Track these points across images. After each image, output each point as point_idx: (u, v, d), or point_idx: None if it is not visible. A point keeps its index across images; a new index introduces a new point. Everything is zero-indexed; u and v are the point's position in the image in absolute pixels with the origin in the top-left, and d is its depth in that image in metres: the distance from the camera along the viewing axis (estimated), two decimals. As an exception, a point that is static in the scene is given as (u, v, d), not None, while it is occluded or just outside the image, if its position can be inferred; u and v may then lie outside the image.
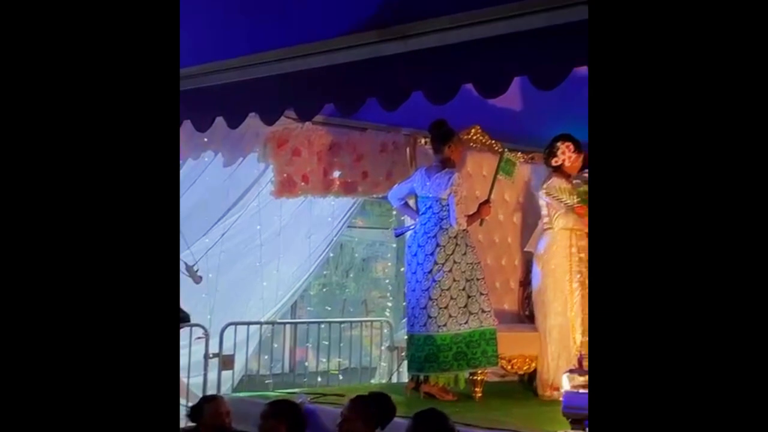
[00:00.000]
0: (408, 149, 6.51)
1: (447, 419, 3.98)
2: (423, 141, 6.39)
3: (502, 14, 4.40)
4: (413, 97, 4.95)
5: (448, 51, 4.63)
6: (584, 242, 6.03)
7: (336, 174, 6.49)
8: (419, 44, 4.67)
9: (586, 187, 5.73)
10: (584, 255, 6.01)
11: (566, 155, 6.02)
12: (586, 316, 5.90)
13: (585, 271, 5.99)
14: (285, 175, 6.17)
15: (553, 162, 6.06)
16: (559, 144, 6.05)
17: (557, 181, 5.94)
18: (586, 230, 5.92)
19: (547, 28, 4.33)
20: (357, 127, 6.48)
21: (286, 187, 6.21)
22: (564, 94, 5.06)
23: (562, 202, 5.74)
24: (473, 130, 6.52)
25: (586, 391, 4.50)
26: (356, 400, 4.43)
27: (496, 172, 6.09)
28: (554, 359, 5.86)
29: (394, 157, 6.56)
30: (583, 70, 4.37)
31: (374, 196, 7.05)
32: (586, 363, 5.14)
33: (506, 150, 6.25)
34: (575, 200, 5.64)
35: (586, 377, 4.62)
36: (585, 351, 5.67)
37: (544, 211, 6.09)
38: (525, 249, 6.43)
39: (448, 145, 5.82)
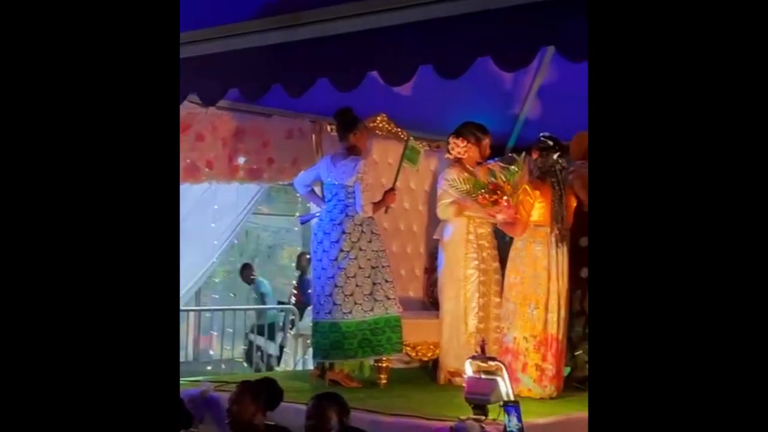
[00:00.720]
0: (314, 136, 6.48)
1: (342, 399, 4.03)
2: (329, 128, 6.37)
3: (406, 2, 4.41)
4: (319, 84, 4.93)
5: (353, 38, 4.62)
6: (483, 230, 6.10)
7: (241, 160, 6.41)
8: (324, 31, 4.65)
9: (489, 178, 5.79)
10: (484, 242, 6.08)
11: (459, 148, 6.09)
12: (486, 302, 5.99)
13: (484, 258, 6.06)
14: (188, 160, 6.06)
15: (447, 156, 6.16)
16: (450, 139, 6.13)
17: (453, 172, 6.00)
18: (486, 219, 6.00)
19: (453, 17, 4.36)
20: (262, 113, 6.41)
21: (189, 172, 6.10)
22: (469, 83, 5.11)
23: (466, 194, 5.81)
24: (379, 118, 6.53)
25: (488, 377, 4.57)
26: (243, 384, 4.43)
27: (401, 160, 6.11)
28: (457, 346, 5.93)
29: (300, 144, 6.52)
30: (486, 60, 4.44)
31: (280, 182, 7.00)
32: (488, 348, 5.22)
33: (411, 138, 6.28)
34: (478, 192, 5.71)
35: (488, 363, 4.68)
36: (487, 336, 5.77)
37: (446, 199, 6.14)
38: (434, 237, 6.47)
39: (353, 133, 5.82)
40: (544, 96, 7.18)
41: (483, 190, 5.63)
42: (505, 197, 5.54)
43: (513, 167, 5.66)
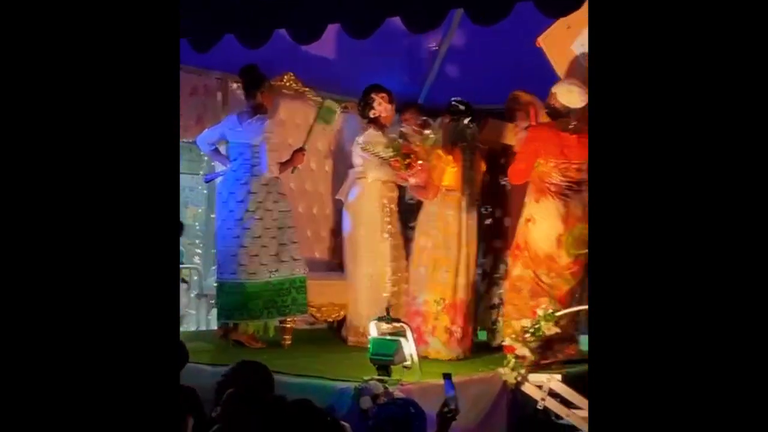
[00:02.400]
0: (219, 94, 6.35)
1: (267, 370, 3.92)
2: (235, 86, 6.25)
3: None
4: (226, 40, 4.83)
5: (262, -6, 4.54)
6: (394, 194, 6.12)
7: (143, 117, 6.26)
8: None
9: (403, 141, 5.78)
10: (394, 206, 6.10)
11: (381, 107, 6.06)
12: (397, 266, 6.01)
13: (394, 222, 6.08)
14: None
15: (370, 114, 6.08)
16: (374, 95, 6.07)
17: (374, 134, 5.97)
18: (398, 182, 6.01)
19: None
20: (166, 68, 6.25)
21: (90, 129, 5.93)
22: (376, 44, 5.08)
23: (377, 155, 5.79)
24: (286, 77, 6.44)
25: (393, 338, 4.60)
26: None
27: (315, 120, 6.05)
28: (365, 306, 5.93)
29: (205, 101, 6.38)
30: (396, 20, 4.41)
31: (183, 140, 6.85)
32: (395, 311, 5.26)
33: (326, 98, 6.21)
34: (390, 153, 5.70)
35: (393, 324, 4.71)
36: (397, 299, 5.81)
37: (357, 161, 6.11)
38: (336, 197, 6.45)
39: (260, 91, 5.73)
40: (454, 58, 7.19)
41: (396, 154, 5.63)
42: (419, 161, 5.55)
43: (427, 132, 5.67)
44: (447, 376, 3.74)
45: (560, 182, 5.30)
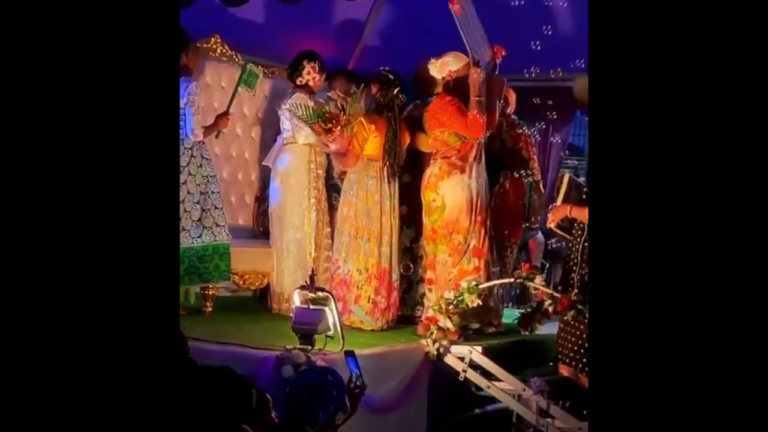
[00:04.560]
0: (144, 55, 6.18)
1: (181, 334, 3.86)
2: (160, 46, 6.10)
3: None
4: None
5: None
6: (322, 159, 6.06)
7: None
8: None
9: (328, 107, 5.73)
10: (321, 171, 6.05)
11: (311, 75, 5.98)
12: (318, 232, 5.97)
13: (321, 187, 6.04)
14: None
15: (298, 80, 6.00)
16: (305, 63, 5.98)
17: (301, 98, 5.89)
18: (325, 148, 5.93)
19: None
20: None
21: None
22: (306, 10, 5.01)
23: (300, 119, 5.72)
24: (213, 39, 6.31)
25: (316, 307, 4.57)
26: None
27: (238, 84, 5.94)
28: (290, 274, 5.88)
29: (129, 62, 6.22)
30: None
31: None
32: (317, 280, 5.22)
33: (249, 62, 6.11)
34: (315, 119, 5.63)
35: (317, 293, 4.68)
36: (317, 266, 5.76)
37: (285, 126, 6.03)
38: (263, 163, 6.36)
39: (185, 53, 5.59)
40: (385, 26, 7.13)
41: (319, 119, 5.57)
42: (339, 127, 5.50)
43: (350, 99, 5.61)
44: (349, 354, 3.75)
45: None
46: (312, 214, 5.96)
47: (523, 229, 6.15)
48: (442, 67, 5.46)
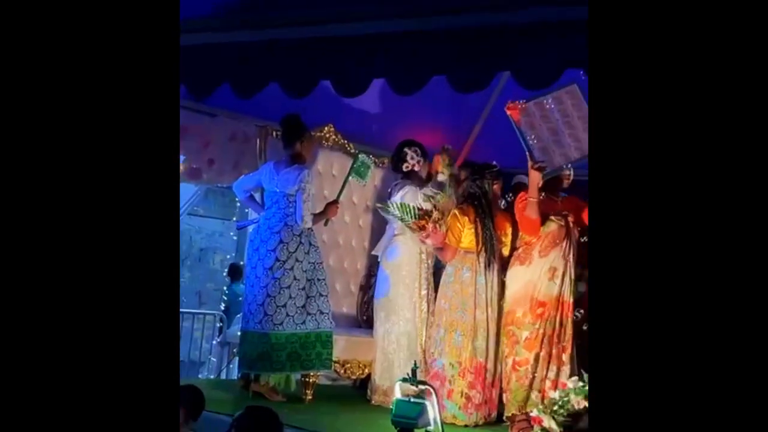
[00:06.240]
0: (258, 140, 6.33)
1: (278, 419, 3.81)
2: (274, 134, 6.24)
3: (366, 15, 4.33)
4: (269, 88, 4.82)
5: (307, 45, 4.53)
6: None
7: (180, 158, 6.25)
8: (280, 34, 4.55)
9: (425, 203, 5.70)
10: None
11: (414, 160, 5.99)
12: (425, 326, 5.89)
13: (431, 278, 5.98)
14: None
15: (404, 167, 6.03)
16: (406, 149, 6.01)
17: (411, 192, 5.85)
18: (422, 244, 5.86)
19: (411, 33, 4.31)
20: (207, 112, 6.26)
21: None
22: (419, 101, 5.06)
23: (398, 219, 5.69)
24: (326, 129, 6.43)
25: (417, 400, 4.48)
26: None
27: (349, 173, 6.00)
28: (400, 366, 5.76)
29: (243, 147, 6.37)
30: (441, 78, 4.38)
31: (219, 185, 6.84)
32: (418, 372, 5.12)
33: (361, 152, 6.18)
34: (408, 218, 5.60)
35: (418, 386, 4.59)
36: (421, 359, 5.67)
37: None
38: (373, 252, 6.35)
39: (300, 141, 5.70)
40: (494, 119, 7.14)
41: (412, 216, 5.56)
42: (431, 223, 5.48)
43: (442, 192, 5.61)
44: None
45: None
46: (423, 305, 5.90)
47: None
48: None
